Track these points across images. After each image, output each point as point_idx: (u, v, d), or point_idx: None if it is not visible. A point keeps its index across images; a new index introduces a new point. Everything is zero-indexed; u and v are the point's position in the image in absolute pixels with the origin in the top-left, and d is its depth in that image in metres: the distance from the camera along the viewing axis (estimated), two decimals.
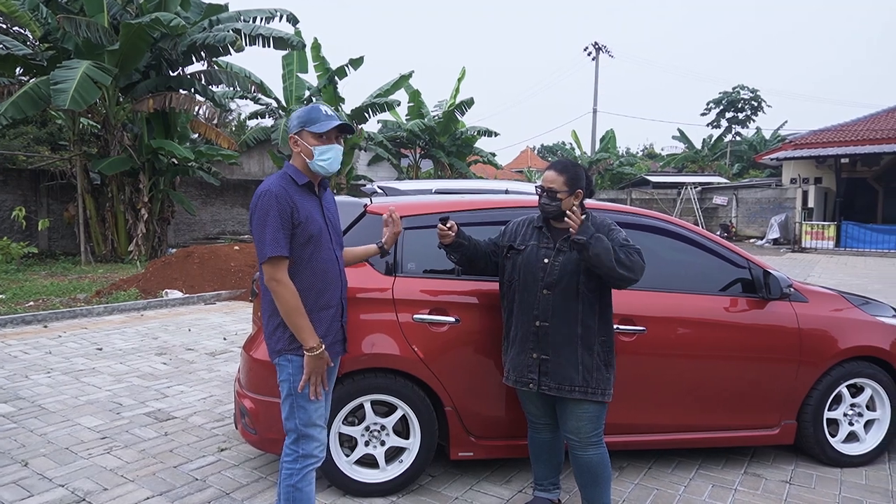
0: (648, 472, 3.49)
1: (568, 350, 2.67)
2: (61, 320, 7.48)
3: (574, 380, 2.66)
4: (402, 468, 3.16)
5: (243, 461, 3.52)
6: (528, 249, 2.78)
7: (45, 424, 4.03)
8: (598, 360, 2.68)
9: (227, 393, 4.75)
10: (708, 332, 3.38)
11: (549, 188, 2.71)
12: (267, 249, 2.30)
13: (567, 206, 2.70)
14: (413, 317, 3.10)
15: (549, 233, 2.79)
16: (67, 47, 12.74)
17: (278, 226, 2.31)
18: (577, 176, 2.73)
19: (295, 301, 2.33)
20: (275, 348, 2.44)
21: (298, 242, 2.38)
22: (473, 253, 2.86)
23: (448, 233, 2.78)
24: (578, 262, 2.64)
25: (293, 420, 2.43)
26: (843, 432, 3.61)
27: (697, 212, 25.50)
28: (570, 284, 2.66)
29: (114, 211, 14.00)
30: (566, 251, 2.69)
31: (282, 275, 2.33)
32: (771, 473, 3.49)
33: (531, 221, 2.88)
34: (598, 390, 2.67)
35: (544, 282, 2.69)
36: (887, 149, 19.77)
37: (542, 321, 2.69)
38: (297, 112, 2.48)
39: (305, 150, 2.41)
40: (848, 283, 11.94)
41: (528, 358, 2.73)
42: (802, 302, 3.54)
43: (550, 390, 2.69)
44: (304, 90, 20.24)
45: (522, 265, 2.76)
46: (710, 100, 38.34)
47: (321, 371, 2.38)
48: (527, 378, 2.74)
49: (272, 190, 2.34)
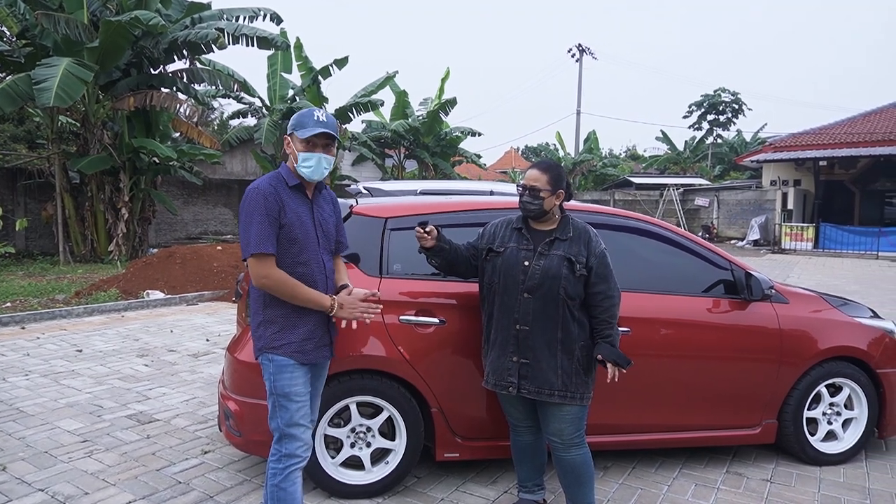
0: (632, 471, 3.52)
1: (548, 354, 2.66)
2: (39, 321, 7.35)
3: (553, 384, 2.65)
4: (388, 469, 3.15)
5: (227, 464, 3.49)
6: (507, 251, 2.75)
7: (24, 428, 3.96)
8: (577, 365, 2.67)
9: (210, 395, 4.71)
10: (691, 333, 3.41)
11: (531, 186, 2.70)
12: (252, 246, 2.31)
13: (549, 205, 2.71)
14: (399, 318, 3.09)
15: (528, 234, 2.77)
16: (46, 44, 12.53)
17: (265, 223, 2.31)
18: (559, 176, 2.73)
19: (290, 287, 2.35)
20: (257, 345, 2.45)
21: (283, 243, 2.37)
22: (454, 257, 2.83)
23: (426, 237, 2.73)
24: (559, 267, 2.64)
25: (276, 419, 2.43)
26: (822, 431, 3.67)
27: (679, 213, 25.77)
28: (552, 289, 2.64)
29: (93, 210, 13.79)
30: (547, 254, 2.68)
31: (269, 269, 2.33)
32: (752, 472, 3.54)
33: (510, 223, 2.85)
34: (578, 394, 2.67)
35: (525, 285, 2.67)
36: (864, 152, 20.16)
37: (523, 325, 2.68)
38: (295, 114, 2.51)
39: (293, 153, 2.43)
40: (826, 284, 12.14)
41: (507, 361, 2.72)
42: (783, 303, 3.59)
43: (530, 394, 2.68)
44: (288, 90, 20.11)
45: (502, 268, 2.74)
46: (692, 102, 38.76)
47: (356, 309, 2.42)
48: (506, 381, 2.73)
49: (261, 187, 2.36)
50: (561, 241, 2.70)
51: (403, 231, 3.26)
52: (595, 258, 2.67)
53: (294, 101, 19.56)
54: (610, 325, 2.68)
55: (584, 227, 2.76)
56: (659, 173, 35.53)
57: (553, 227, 2.77)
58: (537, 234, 2.76)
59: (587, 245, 2.69)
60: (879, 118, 22.63)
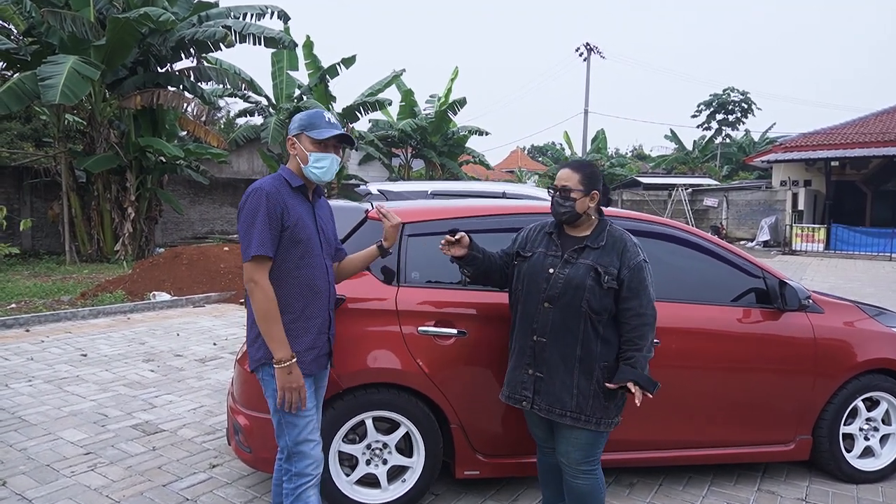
0: (659, 489, 3.36)
1: (563, 371, 2.44)
2: (44, 324, 7.23)
3: (566, 403, 2.43)
4: (406, 488, 3.00)
5: (236, 479, 3.35)
6: (533, 256, 2.56)
7: (26, 438, 3.83)
8: (596, 387, 2.43)
9: (217, 403, 4.57)
10: (721, 344, 3.25)
11: (562, 187, 2.50)
12: (252, 248, 2.21)
13: (582, 207, 2.49)
14: (418, 329, 2.94)
15: (558, 240, 2.56)
16: (52, 42, 12.45)
17: (266, 225, 2.22)
18: (593, 175, 2.52)
19: (269, 306, 2.23)
20: (255, 356, 2.34)
21: (286, 246, 2.29)
22: (488, 266, 2.64)
23: (455, 246, 2.56)
24: (585, 277, 2.42)
25: (283, 437, 2.34)
26: (858, 447, 3.50)
27: (688, 213, 25.53)
28: (574, 300, 2.42)
29: (100, 210, 13.70)
30: (573, 262, 2.47)
31: (260, 276, 2.23)
32: (785, 490, 3.38)
33: (543, 227, 2.67)
34: (593, 419, 2.43)
35: (546, 293, 2.46)
36: (876, 152, 19.89)
37: (540, 336, 2.47)
38: (299, 115, 2.41)
39: (302, 153, 2.35)
40: (841, 286, 11.93)
41: (523, 374, 2.53)
42: (818, 313, 3.42)
43: (541, 410, 2.48)
44: (295, 88, 20.00)
45: (526, 273, 2.55)
46: (701, 101, 38.42)
47: (294, 385, 2.24)
48: (520, 395, 2.54)
49: (264, 188, 2.26)
50: (592, 250, 2.48)
51: (422, 237, 3.12)
52: (628, 270, 2.42)
53: (301, 100, 19.44)
54: (636, 347, 2.40)
55: (621, 236, 2.52)
56: (665, 173, 35.28)
57: (587, 232, 2.54)
58: (568, 240, 2.55)
59: (621, 255, 2.45)
60: (892, 118, 22.34)
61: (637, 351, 2.41)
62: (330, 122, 2.37)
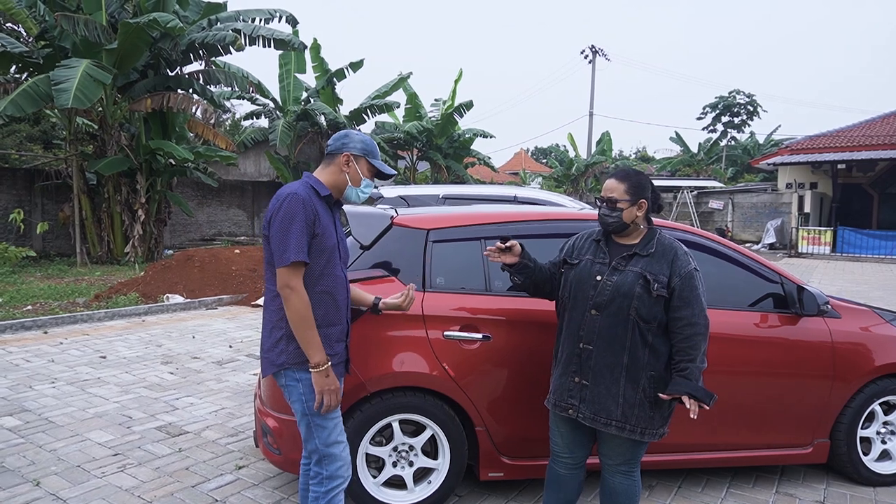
0: (678, 491, 3.41)
1: (609, 379, 2.43)
2: (61, 326, 7.31)
3: (611, 412, 2.42)
4: (431, 489, 3.06)
5: (263, 480, 3.41)
6: (581, 264, 2.56)
7: (54, 440, 3.90)
8: (642, 396, 2.41)
9: (238, 405, 4.63)
10: (740, 349, 3.30)
11: (608, 197, 2.49)
12: (291, 253, 2.21)
13: (629, 217, 2.47)
14: (444, 334, 3.00)
15: (606, 247, 2.56)
16: (65, 45, 12.55)
17: (303, 230, 2.24)
18: (640, 184, 2.49)
19: (307, 311, 2.25)
20: (276, 362, 2.33)
21: (313, 254, 2.30)
22: (540, 276, 2.65)
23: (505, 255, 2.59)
24: (633, 284, 2.40)
25: (313, 441, 2.36)
26: (875, 451, 3.55)
27: (693, 216, 25.56)
28: (622, 308, 2.40)
29: (110, 212, 13.79)
30: (622, 270, 2.46)
31: (297, 282, 2.24)
32: (804, 493, 3.42)
33: (591, 235, 2.66)
34: (638, 428, 2.42)
35: (593, 301, 2.46)
36: (883, 155, 19.88)
37: (586, 343, 2.47)
38: (359, 136, 2.45)
39: (356, 174, 2.41)
40: (849, 290, 11.95)
41: (569, 381, 2.54)
42: (835, 318, 3.47)
43: (585, 419, 2.47)
44: (302, 91, 20.11)
45: (573, 281, 2.55)
46: (707, 104, 38.41)
47: (332, 387, 2.29)
48: (567, 403, 2.54)
49: (299, 193, 2.27)
50: (641, 257, 2.46)
51: (446, 243, 3.18)
52: (679, 279, 2.39)
53: (308, 103, 19.54)
54: (689, 357, 2.38)
55: (671, 244, 2.49)
56: (669, 175, 35.29)
57: (636, 241, 2.53)
58: (616, 248, 2.54)
59: (672, 263, 2.42)
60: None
61: (690, 362, 2.38)
62: (380, 156, 2.51)
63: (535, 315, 3.05)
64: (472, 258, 3.17)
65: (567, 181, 31.62)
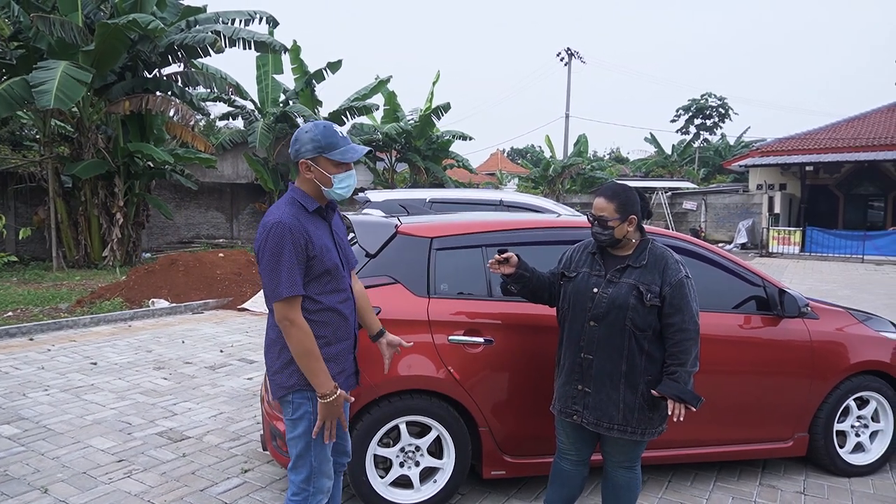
0: (669, 485, 3.59)
1: (609, 386, 2.57)
2: (47, 332, 7.25)
3: (613, 417, 2.56)
4: (437, 488, 3.18)
5: (269, 483, 3.49)
6: (578, 276, 2.69)
7: (56, 447, 3.92)
8: (641, 400, 2.55)
9: (236, 409, 4.69)
10: (726, 349, 3.48)
11: (599, 217, 2.60)
12: (283, 289, 2.13)
13: (620, 233, 2.60)
14: (448, 338, 3.12)
15: (601, 260, 2.68)
16: (40, 47, 12.34)
17: (293, 262, 2.15)
18: (628, 200, 2.60)
19: (310, 343, 2.18)
20: (286, 384, 2.27)
21: (314, 275, 2.24)
22: (537, 284, 2.79)
23: (504, 266, 2.72)
24: (627, 296, 2.53)
25: (308, 458, 2.31)
26: (850, 443, 3.78)
27: (668, 217, 26.07)
28: (618, 319, 2.53)
29: (87, 215, 13.60)
30: (617, 282, 2.59)
31: (295, 314, 2.17)
32: (785, 485, 3.63)
33: (587, 247, 2.79)
34: (639, 430, 2.57)
35: (591, 313, 2.59)
36: (848, 157, 20.57)
37: (587, 353, 2.60)
38: (308, 134, 2.24)
39: (322, 177, 2.25)
40: (818, 289, 12.38)
41: (572, 389, 2.66)
42: (814, 319, 3.68)
43: (589, 424, 2.61)
44: (280, 93, 20.02)
45: (572, 293, 2.68)
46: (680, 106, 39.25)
47: (337, 415, 2.26)
48: (571, 409, 2.67)
49: (284, 221, 2.16)
50: (634, 269, 2.59)
51: (449, 251, 3.30)
52: (670, 287, 2.52)
53: (287, 105, 19.47)
54: (679, 361, 2.51)
55: (663, 253, 2.61)
56: (643, 176, 35.91)
57: (629, 252, 2.66)
58: (611, 260, 2.67)
59: (662, 273, 2.55)
60: (862, 124, 23.11)
61: (680, 365, 2.52)
62: (346, 139, 2.26)
63: (535, 319, 3.18)
64: (475, 265, 3.29)
65: (544, 182, 31.96)
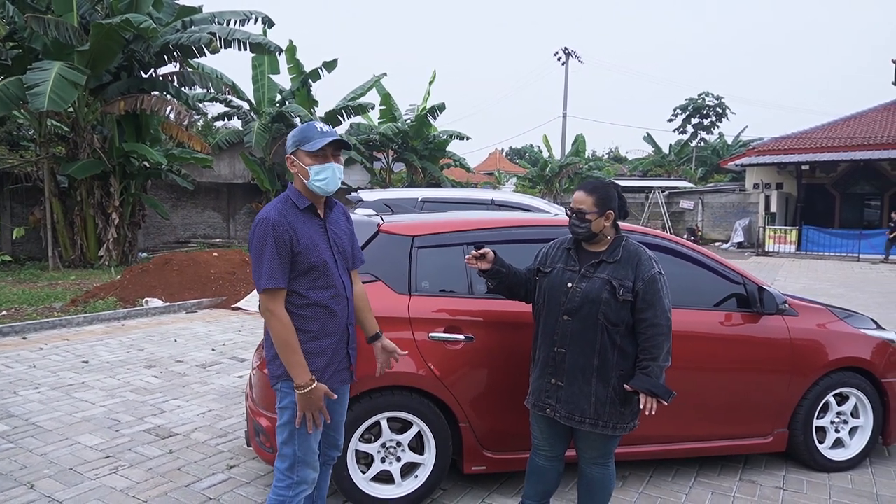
0: (650, 480, 3.63)
1: (582, 380, 2.60)
2: (39, 331, 7.28)
3: (585, 411, 2.60)
4: (418, 483, 3.22)
5: (254, 478, 3.53)
6: (553, 272, 2.73)
7: (44, 444, 3.95)
8: (612, 394, 2.58)
9: (224, 407, 4.73)
10: (706, 346, 3.52)
11: (577, 209, 2.64)
12: (263, 281, 2.25)
13: (597, 227, 2.64)
14: (429, 335, 3.16)
15: (576, 255, 2.72)
16: (35, 47, 12.39)
17: (275, 256, 2.25)
18: (607, 196, 2.65)
19: (287, 335, 2.28)
20: (275, 373, 2.39)
21: (301, 270, 2.31)
22: (514, 280, 2.81)
23: (480, 260, 2.75)
24: (600, 291, 2.58)
25: (292, 446, 2.37)
26: (830, 439, 3.81)
27: (665, 216, 26.12)
28: (591, 313, 2.57)
29: (83, 215, 13.64)
30: (590, 277, 2.63)
31: (276, 306, 2.27)
32: (765, 480, 3.67)
33: (562, 243, 2.83)
34: (610, 424, 2.60)
35: (565, 307, 2.63)
36: (844, 156, 20.62)
37: (560, 347, 2.64)
38: (292, 132, 2.41)
39: (302, 170, 2.35)
40: (812, 287, 12.42)
41: (546, 383, 2.70)
42: (793, 316, 3.72)
43: (561, 418, 2.65)
44: (276, 92, 20.06)
45: (547, 288, 2.73)
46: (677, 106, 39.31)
47: (315, 407, 2.31)
48: (545, 403, 2.70)
49: (269, 217, 2.28)
50: (607, 264, 2.62)
51: (430, 249, 3.34)
52: (643, 282, 2.55)
53: (284, 104, 19.51)
54: (651, 356, 2.54)
55: (636, 249, 2.66)
56: (641, 175, 35.97)
57: (604, 248, 2.69)
58: (586, 255, 2.71)
59: (636, 268, 2.59)
60: (859, 123, 23.15)
61: (652, 360, 2.55)
62: (322, 132, 2.35)
63: (515, 317, 3.22)
64: (455, 263, 3.33)
65: (541, 182, 32.02)
